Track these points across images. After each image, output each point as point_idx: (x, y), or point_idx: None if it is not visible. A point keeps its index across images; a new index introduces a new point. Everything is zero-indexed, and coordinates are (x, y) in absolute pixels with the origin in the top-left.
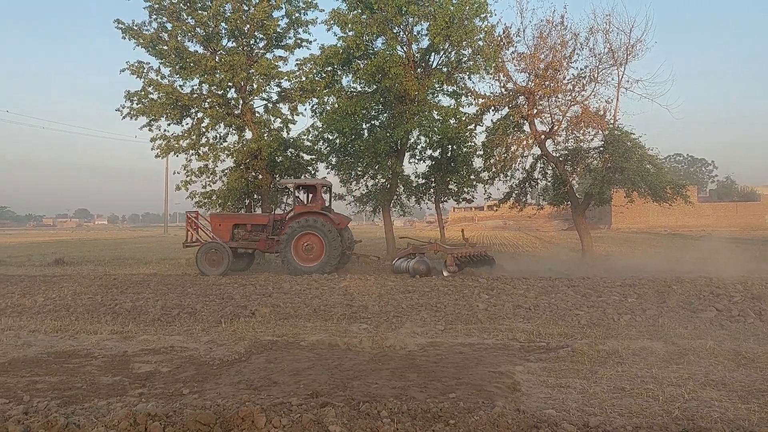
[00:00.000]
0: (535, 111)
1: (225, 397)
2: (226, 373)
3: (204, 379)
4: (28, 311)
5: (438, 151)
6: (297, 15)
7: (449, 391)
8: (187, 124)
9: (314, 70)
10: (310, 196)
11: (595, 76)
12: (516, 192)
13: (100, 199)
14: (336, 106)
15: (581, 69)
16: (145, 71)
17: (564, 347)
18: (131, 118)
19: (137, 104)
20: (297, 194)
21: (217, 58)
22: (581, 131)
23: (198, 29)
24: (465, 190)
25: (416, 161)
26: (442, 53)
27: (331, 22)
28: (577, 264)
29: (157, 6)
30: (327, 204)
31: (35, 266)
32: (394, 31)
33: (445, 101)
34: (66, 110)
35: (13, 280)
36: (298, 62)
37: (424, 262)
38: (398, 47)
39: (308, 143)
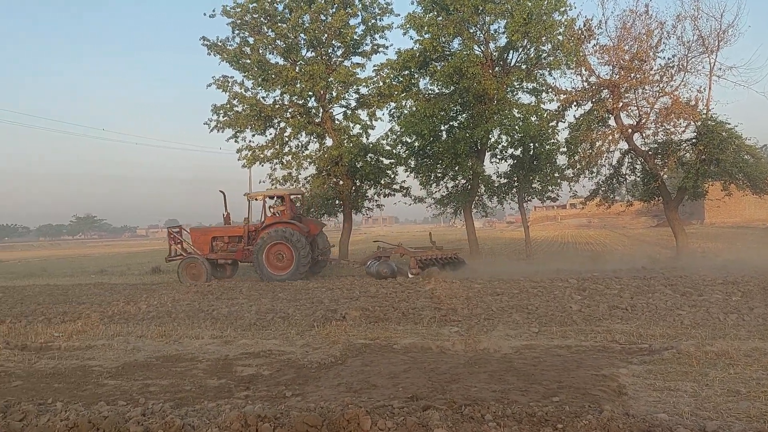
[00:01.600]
0: (621, 104)
1: (327, 399)
2: (324, 375)
3: (304, 381)
4: (133, 318)
5: (520, 149)
6: (373, 21)
7: (552, 394)
8: (271, 134)
9: (391, 75)
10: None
11: (685, 64)
12: (603, 189)
13: (189, 209)
14: (414, 109)
15: (669, 58)
16: (229, 85)
17: (668, 349)
18: (218, 130)
19: (223, 117)
20: (271, 205)
21: (297, 68)
22: (671, 123)
23: (278, 41)
24: (549, 188)
25: (497, 161)
26: (520, 50)
27: (407, 26)
28: (672, 262)
29: (239, 21)
30: (300, 213)
31: (134, 275)
32: (471, 30)
33: (526, 99)
34: (154, 126)
35: (116, 289)
36: (376, 68)
37: (389, 265)
38: (475, 47)
39: (387, 147)
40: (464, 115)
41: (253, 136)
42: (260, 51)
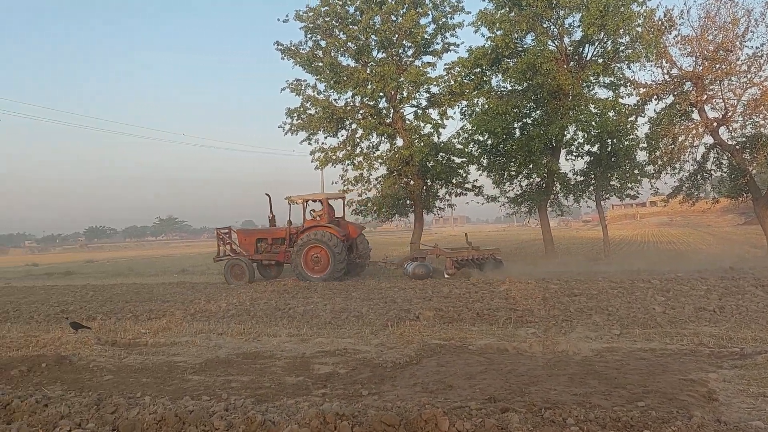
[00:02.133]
0: (705, 97)
1: (404, 399)
2: (400, 375)
3: (380, 381)
4: (214, 316)
5: (597, 146)
6: (444, 20)
7: (636, 399)
8: (343, 135)
9: (463, 73)
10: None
11: None
12: (686, 185)
13: (264, 210)
14: (486, 106)
15: (757, 47)
16: (302, 88)
17: (762, 353)
18: (292, 133)
19: (297, 120)
20: (312, 208)
21: (368, 69)
22: (761, 115)
23: (350, 44)
24: (628, 185)
25: (573, 158)
26: (596, 44)
27: (479, 23)
28: (762, 261)
29: (311, 25)
30: (341, 215)
31: (213, 274)
32: (545, 25)
33: (603, 93)
34: (229, 131)
35: (198, 288)
36: (447, 66)
37: (424, 266)
38: (549, 42)
39: (459, 146)
40: (538, 111)
41: (326, 138)
42: (332, 54)
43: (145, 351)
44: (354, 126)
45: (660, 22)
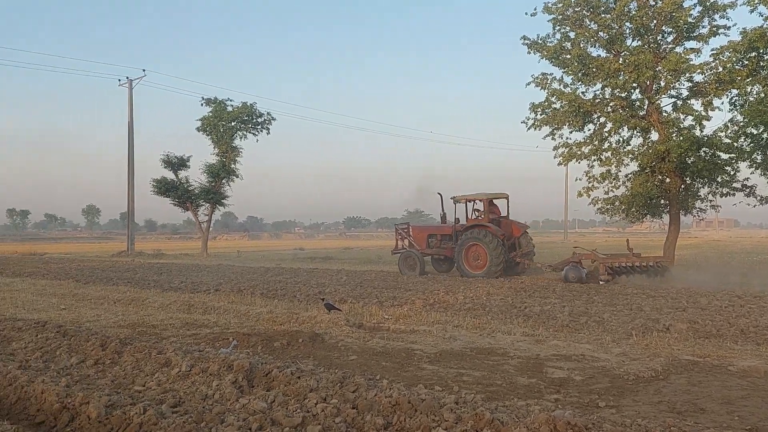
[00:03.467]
0: None
1: (645, 417)
2: (643, 390)
3: (619, 393)
4: (451, 307)
5: None
6: (712, 0)
7: None
8: (589, 130)
9: (734, 58)
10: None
11: None
12: None
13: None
14: (762, 95)
15: None
16: (548, 82)
17: None
18: (535, 128)
19: (541, 115)
20: (476, 207)
21: (620, 59)
22: None
23: (601, 33)
24: None
25: None
26: None
27: (756, 1)
28: None
29: (560, 17)
30: (504, 215)
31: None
32: None
33: None
34: (473, 127)
35: (438, 279)
36: (714, 52)
37: (576, 270)
38: None
39: (726, 140)
40: None
41: (571, 132)
42: (581, 45)
43: (387, 336)
44: (602, 119)
45: None
